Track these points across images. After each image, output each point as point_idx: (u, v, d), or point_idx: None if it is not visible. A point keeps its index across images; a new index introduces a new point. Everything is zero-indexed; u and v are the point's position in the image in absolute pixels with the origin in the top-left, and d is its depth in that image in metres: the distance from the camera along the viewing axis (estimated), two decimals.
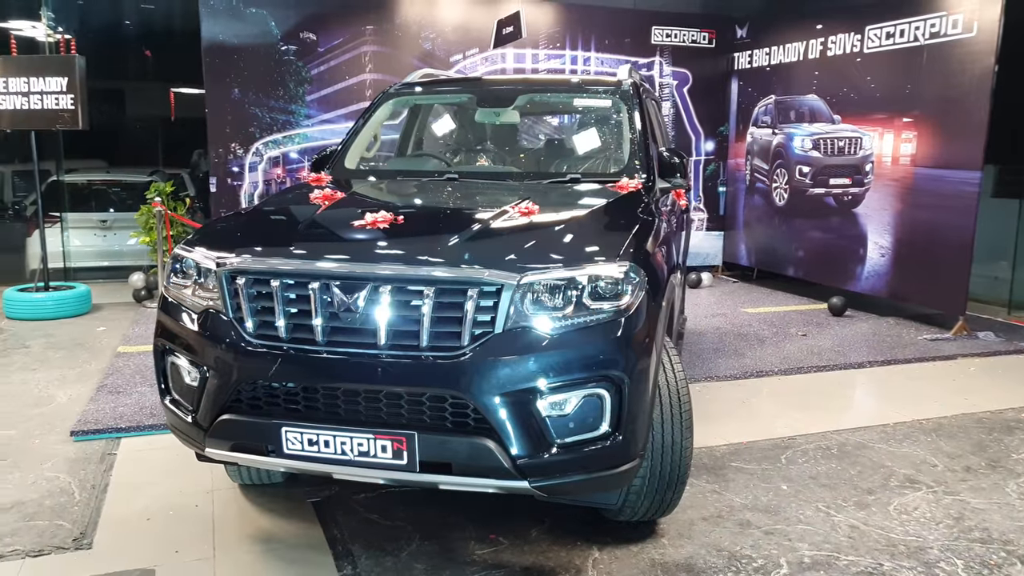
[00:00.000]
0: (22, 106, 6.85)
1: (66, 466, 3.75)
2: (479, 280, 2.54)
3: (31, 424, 4.30)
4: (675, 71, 8.99)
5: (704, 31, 9.09)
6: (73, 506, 3.34)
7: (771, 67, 8.65)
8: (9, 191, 11.50)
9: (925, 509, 3.41)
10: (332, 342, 2.60)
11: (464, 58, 8.15)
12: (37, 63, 6.95)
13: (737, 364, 5.59)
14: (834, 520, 3.29)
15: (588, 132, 4.30)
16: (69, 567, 2.87)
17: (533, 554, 2.99)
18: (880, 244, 7.32)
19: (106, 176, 10.04)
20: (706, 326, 6.78)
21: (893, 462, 3.93)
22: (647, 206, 3.43)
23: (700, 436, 4.18)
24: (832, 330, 6.71)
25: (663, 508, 3.07)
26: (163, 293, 2.97)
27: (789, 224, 8.46)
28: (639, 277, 2.69)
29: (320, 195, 3.35)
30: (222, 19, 7.38)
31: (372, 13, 7.81)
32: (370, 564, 2.91)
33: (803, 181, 8.20)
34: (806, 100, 8.20)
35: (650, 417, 2.78)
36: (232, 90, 7.50)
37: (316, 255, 2.71)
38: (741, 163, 9.20)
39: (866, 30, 7.37)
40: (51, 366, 5.44)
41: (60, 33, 11.23)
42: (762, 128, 8.82)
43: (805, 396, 5.00)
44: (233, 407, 2.70)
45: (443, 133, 4.70)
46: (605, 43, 8.66)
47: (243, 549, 3.03)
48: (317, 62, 7.72)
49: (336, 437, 2.59)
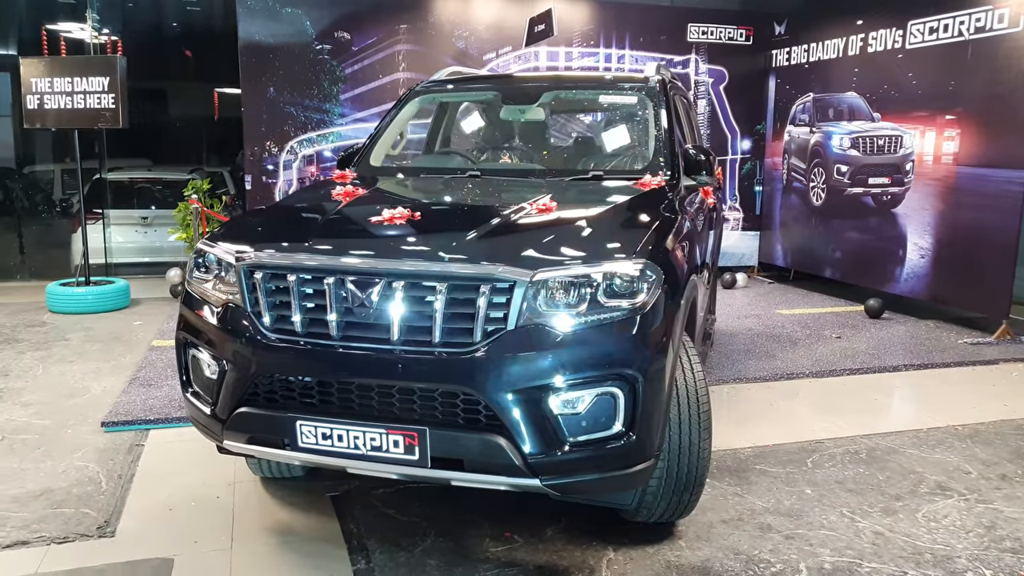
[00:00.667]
0: (66, 105, 7.03)
1: (95, 456, 3.83)
2: (491, 276, 2.53)
3: (65, 414, 4.41)
4: (711, 69, 8.88)
5: (741, 28, 8.96)
6: (99, 495, 3.41)
7: (809, 64, 8.49)
8: (58, 189, 11.86)
9: (955, 517, 3.30)
10: (347, 337, 2.61)
11: (497, 56, 8.14)
12: (80, 64, 7.13)
13: (768, 366, 5.49)
14: (858, 526, 3.21)
15: (613, 129, 4.27)
16: (91, 554, 2.93)
17: (547, 553, 2.97)
18: (920, 245, 7.13)
19: (148, 174, 10.26)
20: (738, 327, 6.68)
21: (924, 468, 3.82)
22: (670, 203, 3.38)
23: (725, 438, 4.13)
24: (868, 333, 6.55)
25: (681, 510, 3.02)
26: (186, 287, 3.02)
27: (826, 224, 8.30)
28: (655, 275, 2.66)
29: (341, 191, 3.37)
30: (259, 19, 7.49)
31: (406, 12, 7.85)
32: (384, 559, 2.92)
33: (841, 180, 8.03)
34: (845, 98, 8.03)
35: (666, 417, 2.74)
36: (267, 89, 7.61)
37: (331, 250, 2.72)
38: (778, 162, 9.05)
39: (908, 25, 7.18)
40: (88, 358, 5.57)
41: (106, 35, 11.54)
42: (800, 126, 8.66)
43: (836, 399, 4.89)
44: (250, 400, 2.73)
45: (469, 130, 4.70)
46: (640, 41, 8.58)
47: (260, 541, 3.06)
48: (351, 61, 7.79)
49: (349, 431, 2.60)
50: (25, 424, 4.26)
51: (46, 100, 7.04)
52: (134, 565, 2.86)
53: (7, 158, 12.94)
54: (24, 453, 3.86)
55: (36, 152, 12.94)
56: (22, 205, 10.85)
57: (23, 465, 3.72)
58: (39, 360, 5.52)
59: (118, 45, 12.68)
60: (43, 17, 11.45)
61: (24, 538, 3.02)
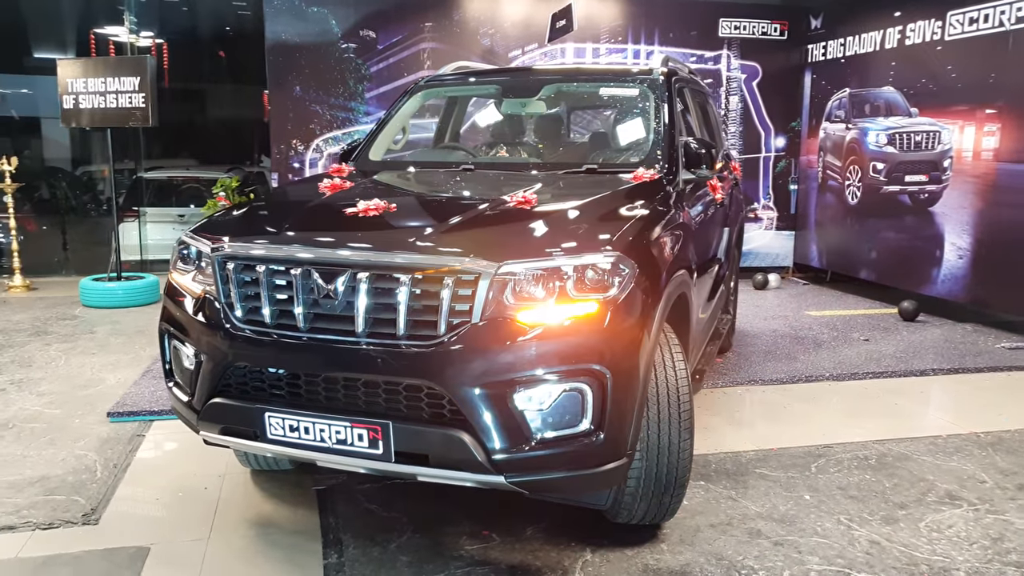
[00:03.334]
0: (99, 105, 7.22)
1: (96, 445, 3.90)
2: (455, 268, 2.49)
3: (76, 404, 4.51)
4: (743, 64, 8.67)
5: (776, 22, 8.73)
6: (92, 483, 3.47)
7: (846, 59, 8.22)
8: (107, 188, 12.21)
9: (961, 527, 3.13)
10: (313, 328, 2.59)
11: (523, 53, 8.09)
12: (113, 64, 7.32)
13: (786, 368, 5.32)
14: (854, 534, 3.07)
15: (612, 122, 4.18)
16: (72, 540, 2.97)
17: (523, 552, 2.91)
18: (958, 245, 6.84)
19: (185, 173, 10.50)
20: (762, 328, 6.50)
21: (936, 476, 3.64)
22: (663, 197, 3.30)
23: (727, 440, 4.01)
24: (899, 335, 6.31)
25: (662, 512, 2.93)
26: (168, 279, 3.04)
27: (861, 224, 8.02)
28: (629, 269, 2.58)
29: (328, 185, 3.36)
30: (285, 18, 7.58)
31: (431, 10, 7.85)
32: (356, 553, 2.89)
33: (877, 178, 7.76)
34: (882, 93, 7.75)
35: (640, 416, 2.65)
36: (294, 88, 7.70)
37: (299, 241, 2.71)
38: (813, 160, 8.79)
39: (947, 16, 6.90)
40: (109, 351, 5.70)
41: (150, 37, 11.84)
42: (835, 123, 8.40)
43: (854, 403, 4.71)
44: (223, 391, 2.74)
45: (471, 124, 4.67)
46: (669, 36, 8.43)
47: (238, 533, 3.07)
48: (376, 59, 7.83)
49: (315, 424, 2.58)
50: (37, 413, 4.36)
51: (81, 100, 7.24)
52: (111, 552, 2.89)
53: (63, 159, 13.40)
54: (30, 441, 3.95)
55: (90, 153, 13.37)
56: (68, 204, 11.20)
57: (27, 452, 3.80)
58: (63, 352, 5.67)
59: (163, 47, 13.04)
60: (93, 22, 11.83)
61: (11, 523, 3.08)
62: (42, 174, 11.15)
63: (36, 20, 12.80)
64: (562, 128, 4.41)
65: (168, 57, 13.00)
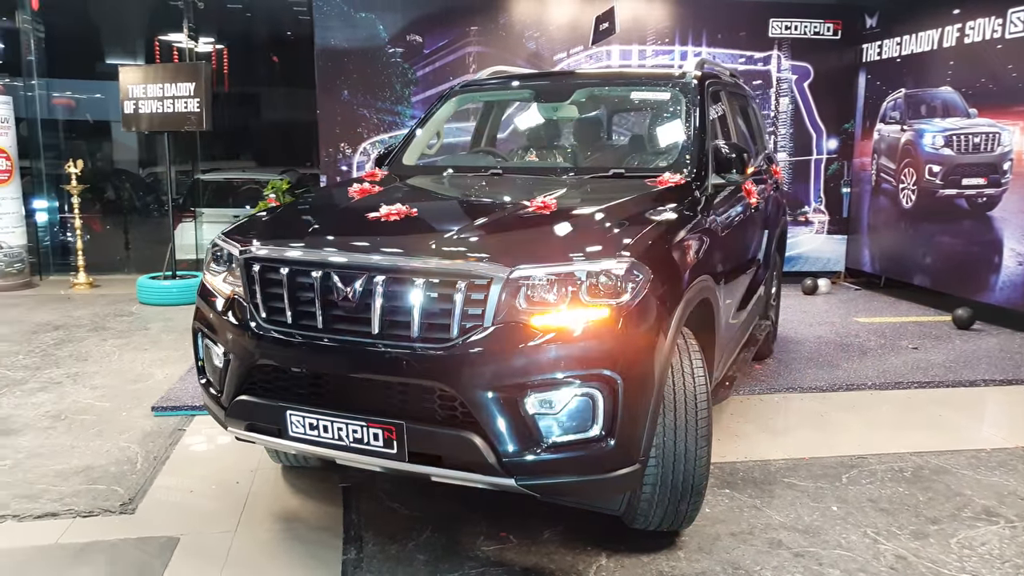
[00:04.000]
0: (157, 110, 7.50)
1: (139, 438, 4.07)
2: (468, 272, 2.52)
3: (125, 398, 4.70)
4: (794, 65, 8.50)
5: (829, 22, 8.53)
6: (132, 474, 3.62)
7: (902, 58, 7.99)
8: (172, 190, 12.66)
9: (994, 545, 3.03)
10: (333, 330, 2.66)
11: (568, 56, 8.09)
12: (171, 70, 7.59)
13: (827, 376, 5.20)
14: (880, 548, 3.00)
15: (642, 126, 4.16)
16: (107, 528, 3.11)
17: (538, 555, 2.93)
18: (1017, 251, 6.58)
19: (242, 175, 10.80)
20: (807, 335, 6.36)
21: (974, 491, 3.52)
22: (691, 202, 3.28)
23: (758, 448, 3.96)
24: (951, 344, 6.10)
25: (679, 519, 2.91)
26: (202, 280, 3.16)
27: (916, 228, 7.78)
28: (643, 275, 2.58)
29: (357, 189, 3.44)
30: (334, 24, 7.75)
31: (477, 14, 7.92)
32: (375, 550, 2.95)
33: (933, 181, 7.51)
34: (939, 93, 7.50)
35: (653, 422, 2.64)
36: (342, 92, 7.86)
37: (320, 245, 2.78)
38: (867, 162, 8.56)
39: (1008, 13, 6.64)
40: (161, 347, 5.92)
41: (212, 43, 12.22)
42: (890, 124, 8.16)
43: (895, 413, 4.58)
44: (249, 389, 2.83)
45: (505, 129, 4.71)
46: (718, 37, 8.32)
47: (264, 526, 3.17)
48: (423, 63, 7.94)
49: (334, 423, 2.65)
50: (88, 405, 4.57)
51: (140, 105, 7.54)
52: (143, 541, 3.01)
53: (131, 161, 13.93)
54: (79, 432, 4.14)
55: (155, 155, 13.87)
56: (131, 204, 11.63)
57: (75, 443, 3.99)
58: (118, 347, 5.91)
59: (224, 53, 13.44)
60: (159, 29, 12.26)
61: (55, 510, 3.24)
62: (109, 176, 11.61)
63: (108, 28, 13.32)
64: (594, 132, 4.41)
65: (228, 62, 13.41)
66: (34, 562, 2.87)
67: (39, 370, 5.27)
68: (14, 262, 8.29)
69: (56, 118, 10.83)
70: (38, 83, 9.47)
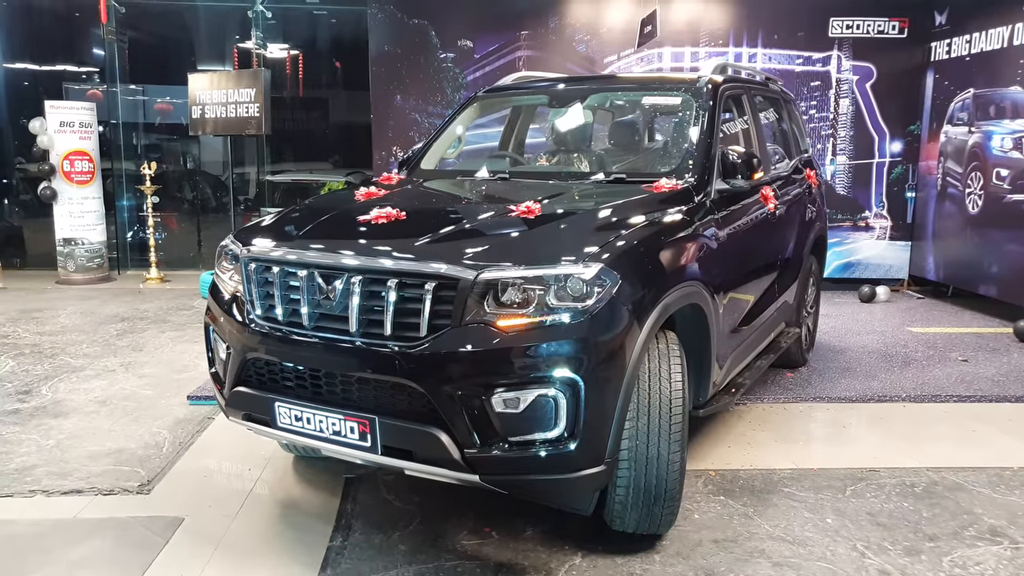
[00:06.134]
0: (221, 115, 7.91)
1: (170, 424, 4.33)
2: (436, 274, 2.62)
3: (168, 387, 5.00)
4: (855, 65, 8.23)
5: (894, 20, 8.22)
6: (156, 458, 3.87)
7: (971, 57, 7.63)
8: (245, 189, 13.25)
9: (989, 566, 2.91)
10: (317, 327, 2.81)
11: (618, 59, 8.08)
12: (234, 77, 7.99)
13: (861, 386, 5.05)
14: (865, 562, 2.93)
15: (650, 131, 4.16)
16: (122, 506, 3.35)
17: (514, 552, 2.99)
18: None
19: (308, 176, 11.20)
20: (850, 343, 6.17)
21: (985, 510, 3.38)
22: (685, 207, 3.29)
23: (766, 457, 3.91)
24: (1006, 358, 5.81)
25: (655, 523, 2.93)
26: (213, 278, 3.36)
27: (981, 235, 7.42)
28: (610, 280, 2.62)
29: (363, 192, 3.58)
30: (387, 31, 7.98)
31: (527, 19, 8.01)
32: (360, 539, 3.08)
33: (1000, 186, 7.15)
34: (1009, 93, 7.14)
35: (620, 424, 2.68)
36: (395, 97, 8.08)
37: (306, 246, 2.93)
38: (933, 166, 8.21)
39: None
40: None
41: (286, 49, 12.70)
42: (957, 126, 7.81)
43: (922, 426, 4.42)
44: (245, 381, 3.01)
45: (523, 134, 4.78)
46: (774, 38, 8.15)
47: (263, 512, 3.34)
48: (473, 68, 8.08)
49: (315, 415, 2.80)
50: (133, 392, 4.88)
51: (207, 110, 7.96)
52: (152, 520, 3.23)
53: (212, 162, 14.65)
54: (119, 417, 4.44)
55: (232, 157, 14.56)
56: (206, 204, 12.20)
57: (113, 427, 4.28)
58: (172, 339, 6.27)
59: (299, 59, 13.94)
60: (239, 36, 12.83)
61: (80, 487, 3.51)
62: (185, 176, 12.23)
63: (193, 35, 14.02)
64: (603, 137, 4.43)
65: (303, 67, 13.89)
66: (51, 534, 3.12)
67: (98, 359, 5.65)
68: (94, 257, 8.87)
69: (136, 121, 11.47)
70: (120, 89, 10.08)
